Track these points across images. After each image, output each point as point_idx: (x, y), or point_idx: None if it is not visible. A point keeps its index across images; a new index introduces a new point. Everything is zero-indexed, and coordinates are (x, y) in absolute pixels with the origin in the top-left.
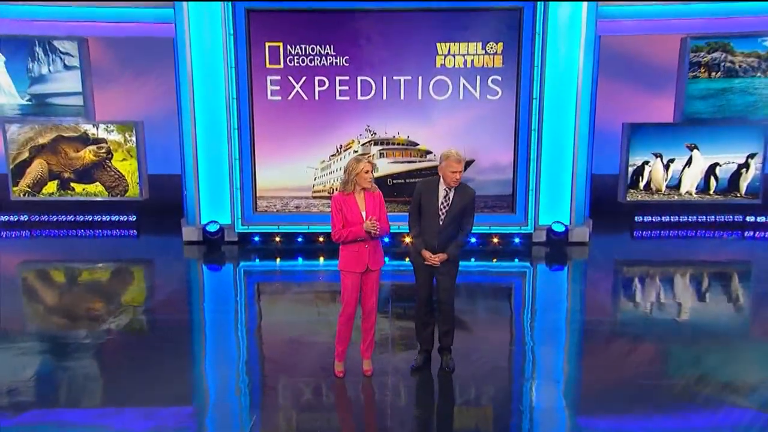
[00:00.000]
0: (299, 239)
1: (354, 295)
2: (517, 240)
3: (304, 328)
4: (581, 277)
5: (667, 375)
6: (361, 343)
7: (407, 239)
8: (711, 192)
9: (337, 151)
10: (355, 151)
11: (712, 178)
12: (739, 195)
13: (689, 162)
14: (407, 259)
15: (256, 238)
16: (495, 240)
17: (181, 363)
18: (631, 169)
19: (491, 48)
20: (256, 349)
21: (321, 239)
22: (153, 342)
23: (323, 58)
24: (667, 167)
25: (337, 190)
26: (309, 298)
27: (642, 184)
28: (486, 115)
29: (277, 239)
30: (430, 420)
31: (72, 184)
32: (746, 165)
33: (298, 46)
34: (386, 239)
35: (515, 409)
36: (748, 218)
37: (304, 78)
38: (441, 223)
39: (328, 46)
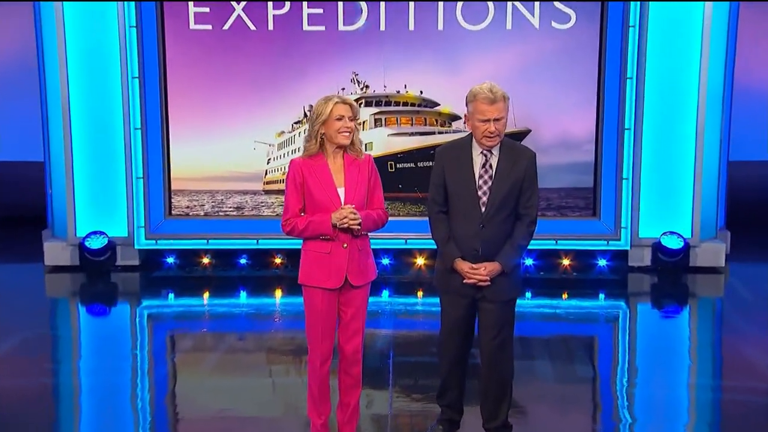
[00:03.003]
0: (242, 260)
1: (329, 325)
2: (602, 262)
3: (242, 397)
4: (713, 324)
5: None
6: (338, 411)
7: (420, 260)
8: None
9: (305, 115)
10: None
11: None
12: None
13: None
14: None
15: (171, 260)
16: (566, 262)
17: None
18: None
19: None
20: (165, 428)
21: (278, 260)
22: None
23: None
24: None
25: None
26: (256, 357)
27: None
28: (551, 57)
29: (206, 261)
30: None
31: None
32: None
33: None
34: (386, 260)
35: None
36: None
37: None
38: (483, 210)
39: None
